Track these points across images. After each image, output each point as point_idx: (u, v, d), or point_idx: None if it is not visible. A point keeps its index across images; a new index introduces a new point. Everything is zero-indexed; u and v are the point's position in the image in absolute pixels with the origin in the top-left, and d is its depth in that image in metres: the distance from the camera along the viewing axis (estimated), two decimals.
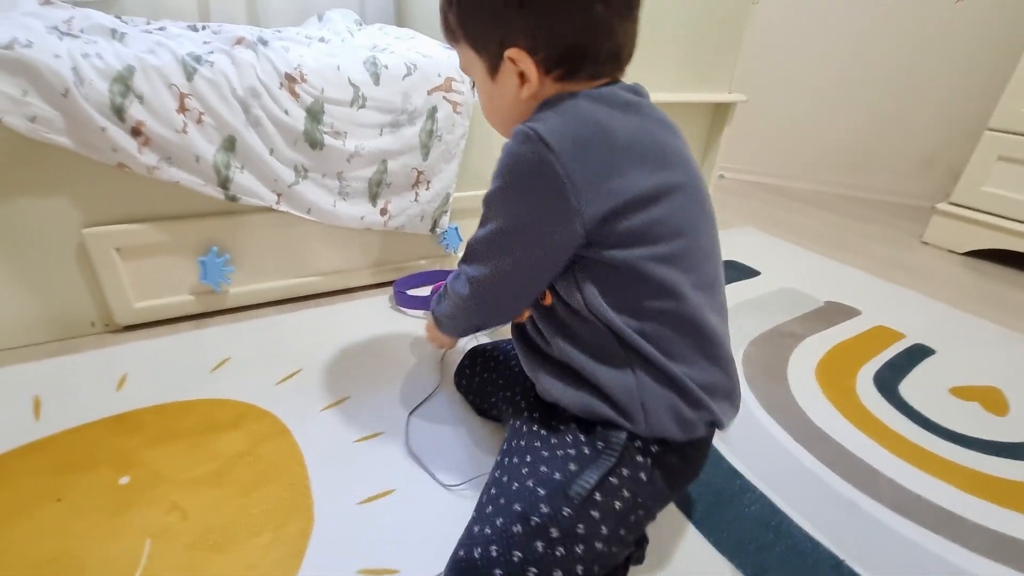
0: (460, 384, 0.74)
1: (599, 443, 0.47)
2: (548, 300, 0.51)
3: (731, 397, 0.50)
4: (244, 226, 0.89)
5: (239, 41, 0.83)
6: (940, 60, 1.81)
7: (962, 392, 0.88)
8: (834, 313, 1.11)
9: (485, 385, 0.69)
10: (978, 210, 1.47)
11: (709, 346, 0.48)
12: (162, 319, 0.90)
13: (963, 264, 1.47)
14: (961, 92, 1.81)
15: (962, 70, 1.80)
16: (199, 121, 0.77)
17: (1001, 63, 1.60)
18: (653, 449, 0.48)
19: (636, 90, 0.50)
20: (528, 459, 0.48)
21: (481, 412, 0.72)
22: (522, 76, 0.48)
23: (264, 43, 0.84)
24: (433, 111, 0.92)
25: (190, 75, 0.75)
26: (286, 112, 0.81)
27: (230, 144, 0.80)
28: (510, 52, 0.47)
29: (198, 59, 0.76)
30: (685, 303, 0.46)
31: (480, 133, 1.02)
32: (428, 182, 0.97)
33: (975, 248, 1.50)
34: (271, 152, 0.83)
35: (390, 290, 1.06)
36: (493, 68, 0.50)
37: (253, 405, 0.73)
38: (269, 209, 0.87)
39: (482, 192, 1.09)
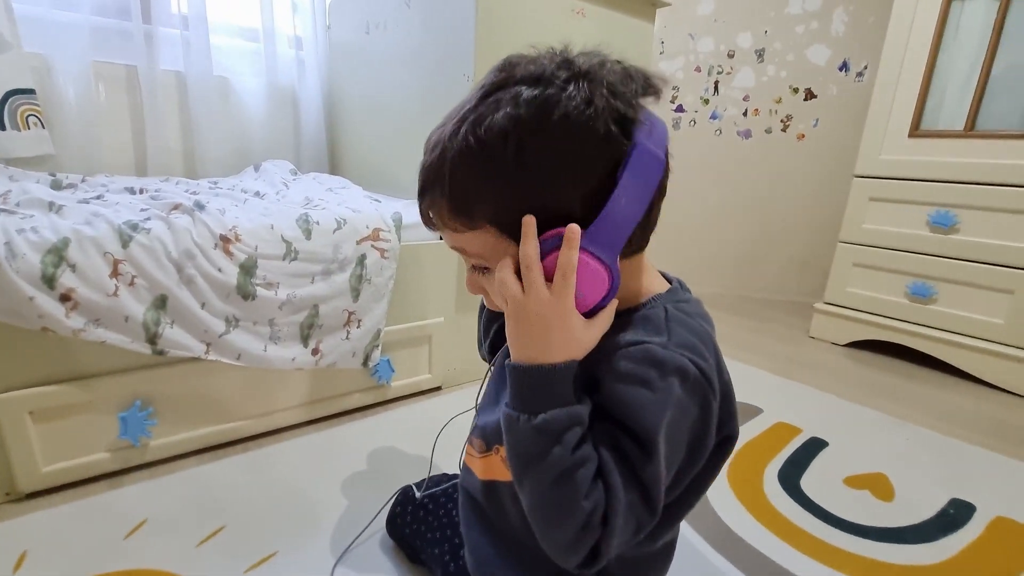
0: (392, 532, 0.73)
1: None
2: None
3: None
4: (169, 377, 0.90)
5: (176, 207, 0.90)
6: (796, 182, 2.19)
7: (854, 481, 0.98)
8: (741, 413, 1.21)
9: (415, 538, 0.68)
10: (847, 307, 1.71)
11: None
12: (72, 481, 0.86)
13: (846, 355, 1.67)
14: (818, 207, 2.17)
15: (814, 189, 2.17)
16: (131, 284, 0.80)
17: (840, 184, 1.95)
18: None
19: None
20: None
21: (415, 560, 0.71)
22: None
23: (201, 207, 0.91)
24: (362, 258, 1.01)
25: (126, 243, 0.80)
26: (220, 270, 0.86)
27: (161, 302, 0.83)
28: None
29: (135, 227, 0.82)
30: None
31: (406, 272, 1.11)
32: (359, 321, 1.03)
33: (853, 340, 1.71)
34: (203, 306, 0.87)
35: (322, 427, 1.06)
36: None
37: (171, 574, 0.69)
38: (197, 359, 0.89)
39: (410, 324, 1.16)
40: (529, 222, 0.39)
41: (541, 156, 0.38)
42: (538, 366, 0.40)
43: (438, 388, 1.26)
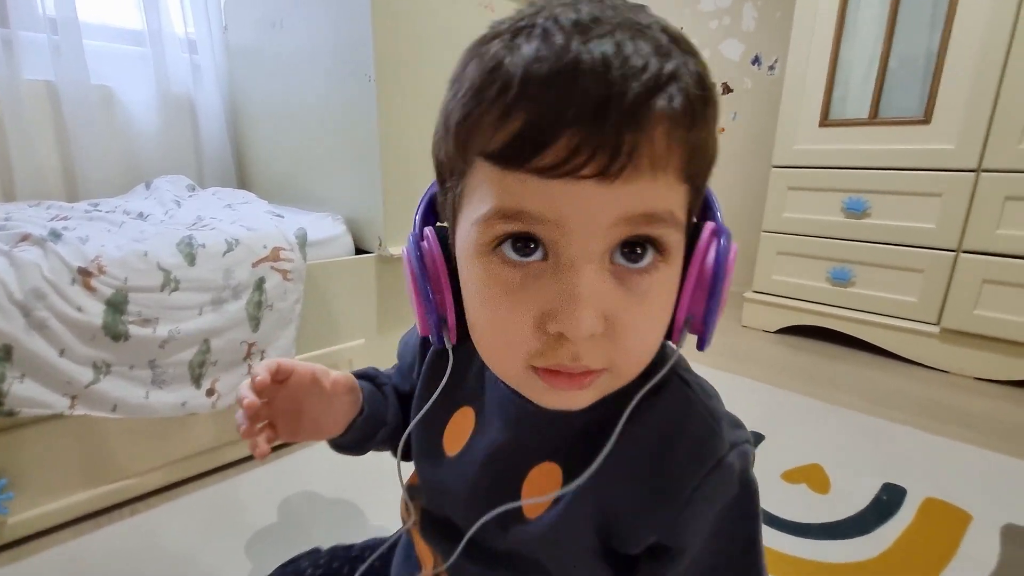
0: None
1: None
2: None
3: None
4: (26, 440, 0.76)
5: (24, 239, 0.76)
6: (720, 175, 2.21)
7: (791, 475, 0.97)
8: None
9: None
10: (774, 295, 1.75)
11: None
12: None
13: (778, 341, 1.70)
14: (742, 198, 2.23)
15: (737, 181, 2.22)
16: None
17: (761, 175, 2.01)
18: None
19: None
20: None
21: None
22: None
23: (57, 236, 0.78)
24: (260, 282, 0.90)
25: None
26: (79, 309, 0.74)
27: (5, 354, 0.70)
28: None
29: None
30: None
31: (316, 293, 1.01)
32: (262, 352, 0.92)
33: (783, 326, 1.75)
34: (61, 353, 0.74)
35: (229, 474, 0.94)
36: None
37: None
38: (60, 415, 0.76)
39: (326, 350, 1.06)
40: None
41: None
42: None
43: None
